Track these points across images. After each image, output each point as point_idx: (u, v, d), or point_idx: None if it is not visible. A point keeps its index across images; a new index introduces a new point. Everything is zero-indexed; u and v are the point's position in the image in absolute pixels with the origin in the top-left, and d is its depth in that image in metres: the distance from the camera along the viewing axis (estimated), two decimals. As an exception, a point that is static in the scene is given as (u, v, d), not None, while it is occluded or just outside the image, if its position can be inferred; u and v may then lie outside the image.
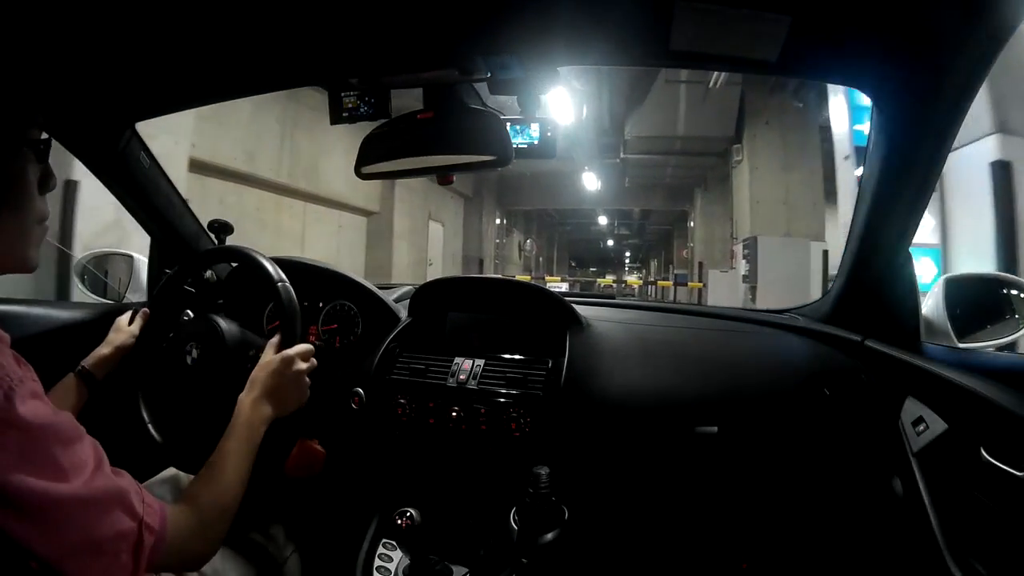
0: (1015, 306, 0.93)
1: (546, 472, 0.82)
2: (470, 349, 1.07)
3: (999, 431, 0.68)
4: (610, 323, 1.10)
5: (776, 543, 1.04)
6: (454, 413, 0.98)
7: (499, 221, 13.37)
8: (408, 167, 0.82)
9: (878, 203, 0.88)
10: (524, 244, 16.42)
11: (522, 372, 1.00)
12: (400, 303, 1.22)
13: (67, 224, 2.51)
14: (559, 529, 0.84)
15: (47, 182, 0.57)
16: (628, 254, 28.25)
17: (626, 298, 2.03)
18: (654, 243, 22.17)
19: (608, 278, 16.44)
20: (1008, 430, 0.66)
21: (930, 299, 0.96)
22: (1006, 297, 0.95)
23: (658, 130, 8.05)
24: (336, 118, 0.84)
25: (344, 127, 0.87)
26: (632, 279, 15.19)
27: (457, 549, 0.95)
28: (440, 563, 0.90)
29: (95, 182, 1.10)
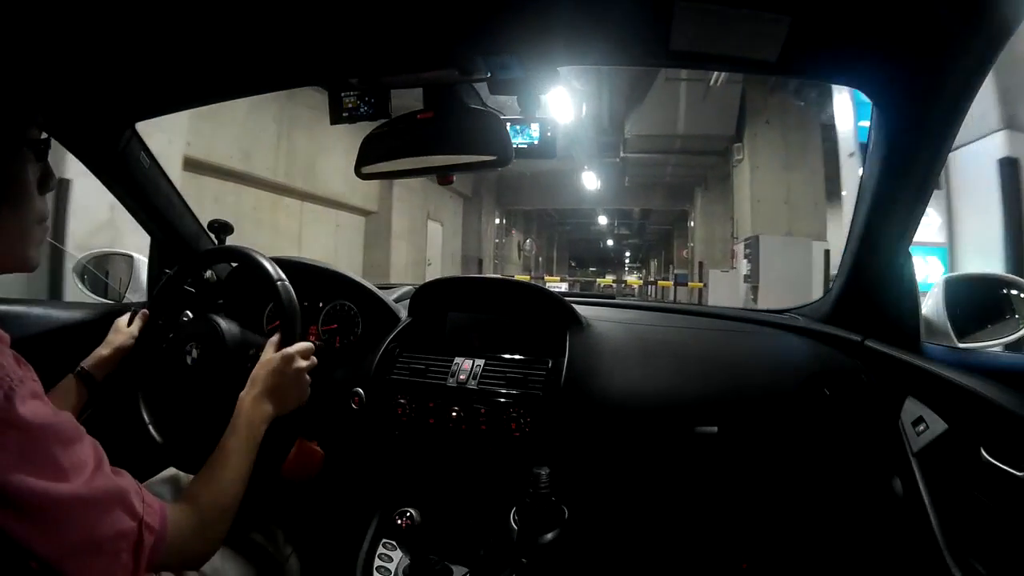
0: (1015, 306, 0.93)
1: (546, 472, 0.82)
2: (470, 349, 1.07)
3: (999, 431, 0.68)
4: (610, 323, 1.10)
5: (776, 543, 1.04)
6: (454, 413, 0.98)
7: (498, 221, 13.36)
8: (408, 167, 0.82)
9: (878, 203, 0.88)
10: (524, 244, 16.42)
11: (522, 372, 1.00)
12: (400, 303, 1.22)
13: (59, 223, 2.50)
14: (559, 529, 0.84)
15: (47, 182, 0.57)
16: (628, 254, 28.22)
17: (626, 298, 2.03)
18: (654, 243, 22.15)
19: (608, 278, 16.44)
20: (1008, 430, 0.66)
21: (930, 299, 0.96)
22: (1006, 297, 0.95)
23: (658, 129, 8.00)
24: (336, 118, 0.84)
25: (342, 126, 0.87)
26: (632, 279, 15.18)
27: (457, 549, 0.95)
28: (440, 563, 0.90)
29: (88, 181, 1.10)
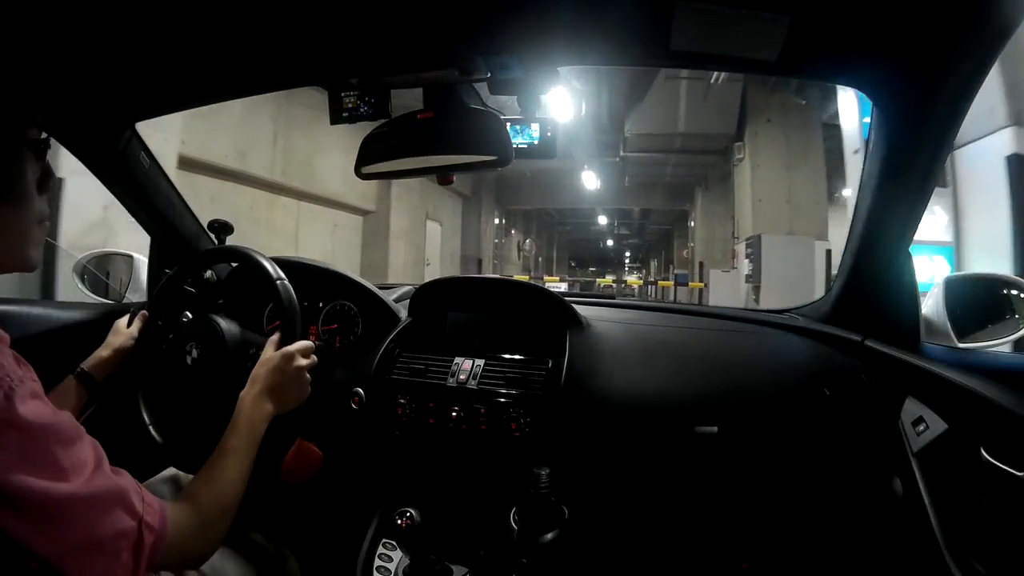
0: (1015, 306, 0.93)
1: (546, 472, 0.82)
2: (470, 349, 1.07)
3: (999, 431, 0.68)
4: (610, 323, 1.10)
5: (776, 543, 1.04)
6: (454, 413, 0.98)
7: (498, 220, 13.35)
8: (408, 167, 0.82)
9: (878, 203, 0.88)
10: (523, 244, 16.42)
11: (522, 372, 1.00)
12: (400, 303, 1.22)
13: (52, 222, 2.47)
14: (559, 529, 0.84)
15: (47, 182, 0.57)
16: (628, 254, 28.21)
17: (626, 298, 2.03)
18: (654, 243, 22.15)
19: (608, 278, 16.44)
20: (1008, 430, 0.66)
21: (930, 299, 0.96)
22: (1006, 297, 0.95)
23: (658, 127, 7.94)
24: (336, 118, 0.84)
25: (340, 125, 0.86)
26: (632, 279, 15.17)
27: (457, 549, 0.95)
28: (440, 563, 0.90)
29: (81, 180, 1.09)
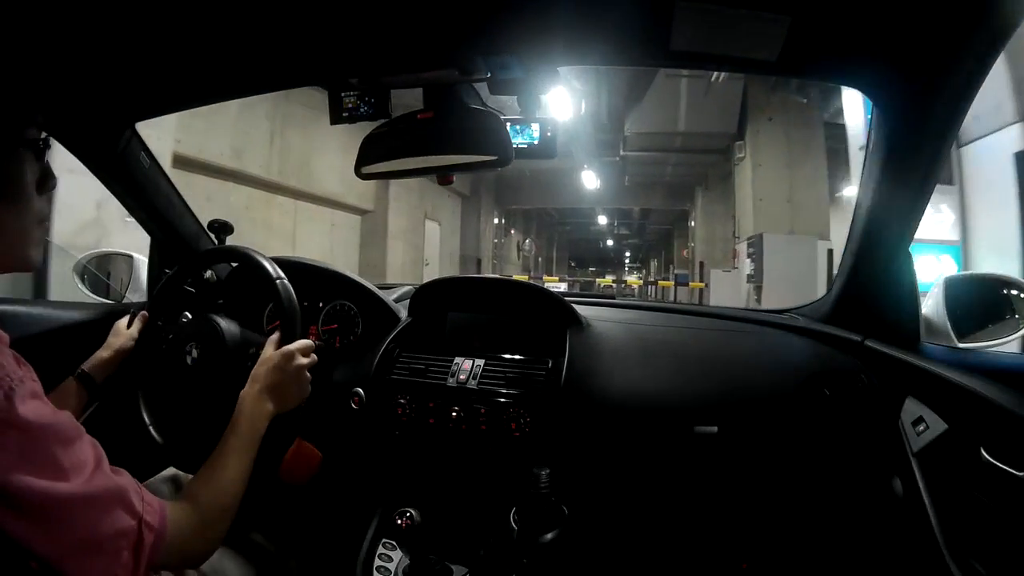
0: (1015, 306, 0.93)
1: (546, 472, 0.82)
2: (470, 349, 1.07)
3: (999, 431, 0.68)
4: (610, 323, 1.10)
5: (776, 543, 1.04)
6: (454, 413, 0.98)
7: (497, 220, 13.34)
8: (408, 167, 0.82)
9: (878, 203, 0.88)
10: (523, 244, 16.41)
11: (522, 372, 1.00)
12: (400, 303, 1.22)
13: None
14: (559, 529, 0.84)
15: (46, 182, 0.57)
16: (628, 254, 28.21)
17: (626, 298, 2.03)
18: (654, 243, 22.15)
19: (608, 278, 16.44)
20: (1008, 430, 0.66)
21: (930, 299, 0.96)
22: (1006, 297, 0.95)
23: (659, 126, 7.91)
24: (336, 118, 0.84)
25: (337, 125, 0.86)
26: (632, 279, 15.16)
27: (457, 549, 0.95)
28: (440, 563, 0.90)
29: (73, 179, 1.09)
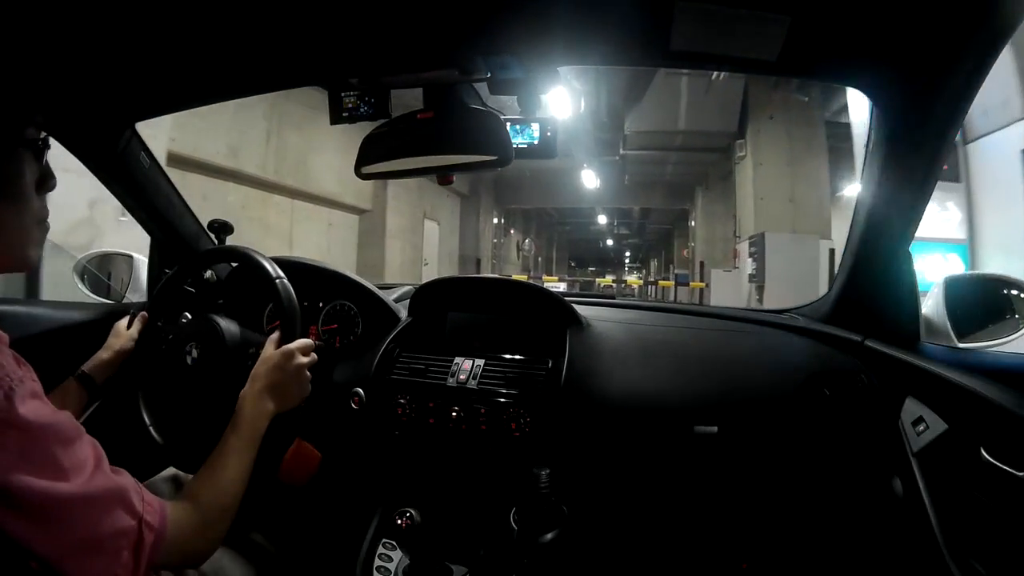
0: (1015, 306, 0.93)
1: (546, 472, 0.82)
2: (470, 349, 1.07)
3: (999, 431, 0.68)
4: (610, 323, 1.10)
5: (776, 543, 1.05)
6: (454, 413, 0.98)
7: (497, 220, 13.33)
8: (408, 167, 0.81)
9: (878, 203, 0.88)
10: (523, 244, 16.41)
11: (522, 372, 1.00)
12: (400, 303, 1.22)
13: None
14: (559, 529, 0.84)
15: (46, 182, 0.57)
16: (628, 254, 28.22)
17: (626, 298, 2.03)
18: (654, 243, 22.15)
19: (608, 278, 16.43)
20: (1008, 430, 0.66)
21: (930, 299, 0.96)
22: (1006, 297, 0.95)
23: (659, 125, 7.87)
24: (336, 118, 0.84)
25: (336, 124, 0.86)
26: (632, 279, 15.16)
27: (457, 549, 0.95)
28: (440, 563, 0.90)
29: (66, 178, 1.08)
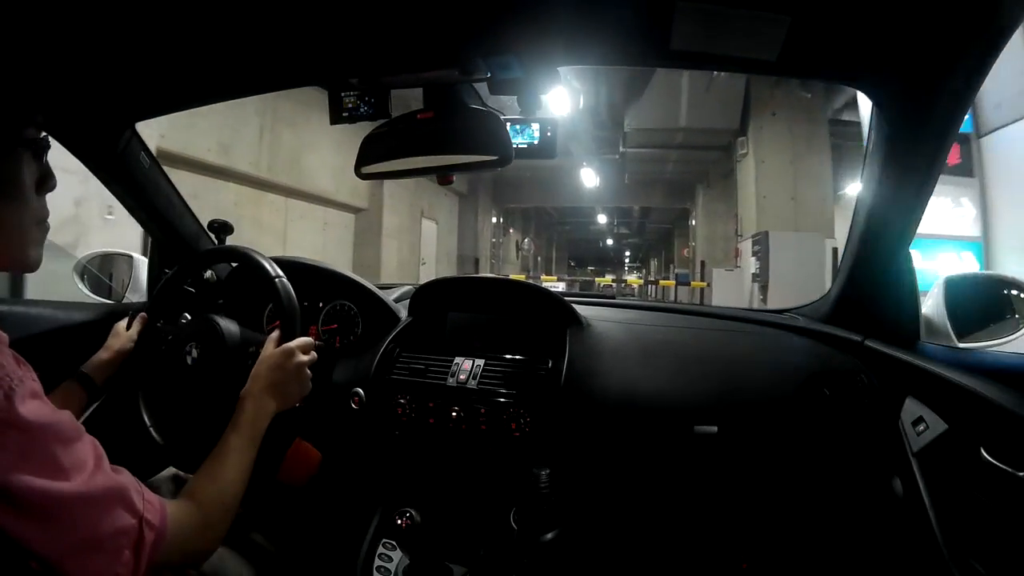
0: (1015, 306, 0.93)
1: (546, 473, 0.82)
2: (470, 349, 1.07)
3: (999, 431, 0.68)
4: (610, 323, 1.10)
5: (776, 543, 1.05)
6: (454, 413, 0.98)
7: (495, 219, 13.31)
8: (408, 167, 0.81)
9: (878, 203, 0.88)
10: (522, 243, 16.40)
11: (522, 372, 1.00)
12: (400, 303, 1.22)
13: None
14: (559, 529, 0.84)
15: (46, 182, 0.57)
16: (628, 253, 28.22)
17: (626, 298, 2.03)
18: (654, 242, 22.15)
19: (608, 277, 16.44)
20: (1008, 430, 0.66)
21: (930, 299, 0.96)
22: (1006, 297, 0.95)
23: (659, 122, 7.79)
24: (336, 118, 0.84)
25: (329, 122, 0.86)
26: (632, 279, 15.15)
27: (457, 549, 0.95)
28: (440, 563, 0.90)
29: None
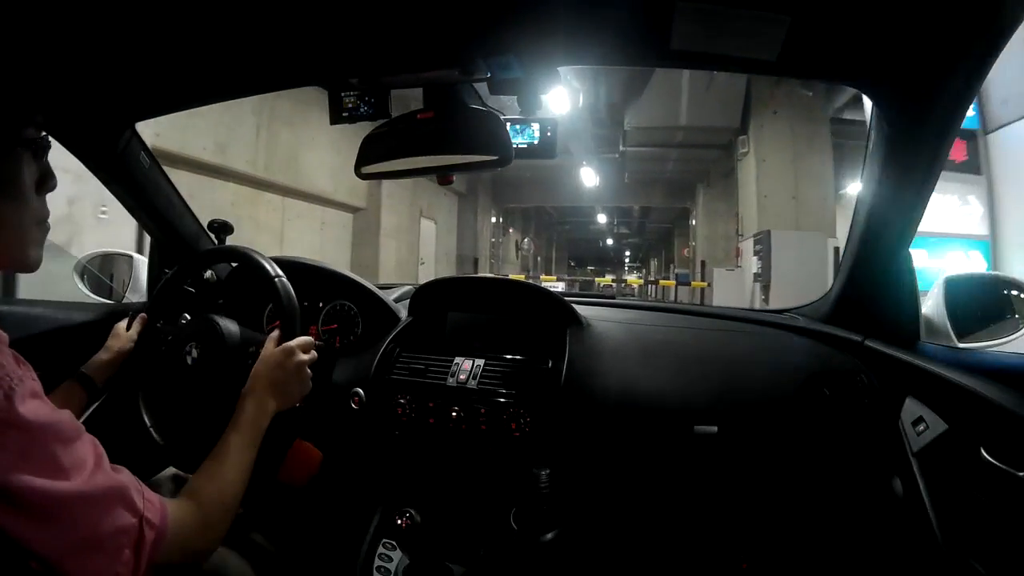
0: (1015, 306, 0.94)
1: (546, 472, 0.82)
2: (470, 349, 1.07)
3: (999, 431, 0.68)
4: (610, 323, 1.10)
5: (776, 543, 1.05)
6: (454, 413, 0.98)
7: (495, 219, 13.28)
8: (408, 167, 0.81)
9: (878, 203, 0.88)
10: (522, 243, 16.40)
11: (522, 372, 1.00)
12: (400, 303, 1.22)
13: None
14: (559, 529, 0.84)
15: (46, 182, 0.57)
16: (628, 253, 28.22)
17: (626, 298, 2.03)
18: (654, 242, 22.15)
19: (608, 277, 16.44)
20: (1008, 430, 0.66)
21: (930, 299, 0.96)
22: (1006, 297, 0.95)
23: (659, 120, 7.73)
24: (336, 118, 0.84)
25: (327, 120, 0.86)
26: (632, 278, 15.15)
27: (457, 549, 0.95)
28: (440, 563, 0.90)
29: None
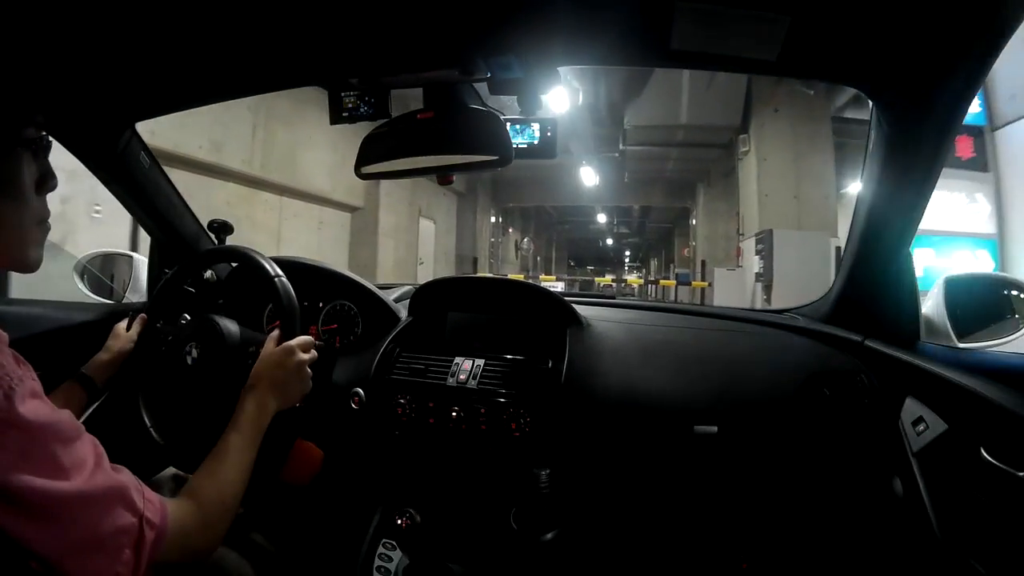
0: (1015, 306, 0.94)
1: (546, 472, 0.82)
2: (470, 349, 1.07)
3: (999, 431, 0.68)
4: (610, 323, 1.10)
5: (776, 543, 1.05)
6: (454, 413, 0.98)
7: (494, 219, 13.27)
8: (408, 167, 0.81)
9: (878, 203, 0.88)
10: (521, 243, 16.39)
11: (522, 372, 1.00)
12: (400, 303, 1.22)
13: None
14: (559, 529, 0.84)
15: (46, 182, 0.57)
16: (628, 253, 28.22)
17: (626, 298, 2.03)
18: (654, 241, 22.14)
19: (607, 277, 16.44)
20: (1008, 430, 0.66)
21: (930, 299, 0.96)
22: (1006, 297, 0.95)
23: (659, 119, 7.70)
24: (336, 118, 0.84)
25: (324, 119, 0.86)
26: (632, 278, 15.15)
27: (457, 549, 0.95)
28: (440, 563, 0.90)
29: None
